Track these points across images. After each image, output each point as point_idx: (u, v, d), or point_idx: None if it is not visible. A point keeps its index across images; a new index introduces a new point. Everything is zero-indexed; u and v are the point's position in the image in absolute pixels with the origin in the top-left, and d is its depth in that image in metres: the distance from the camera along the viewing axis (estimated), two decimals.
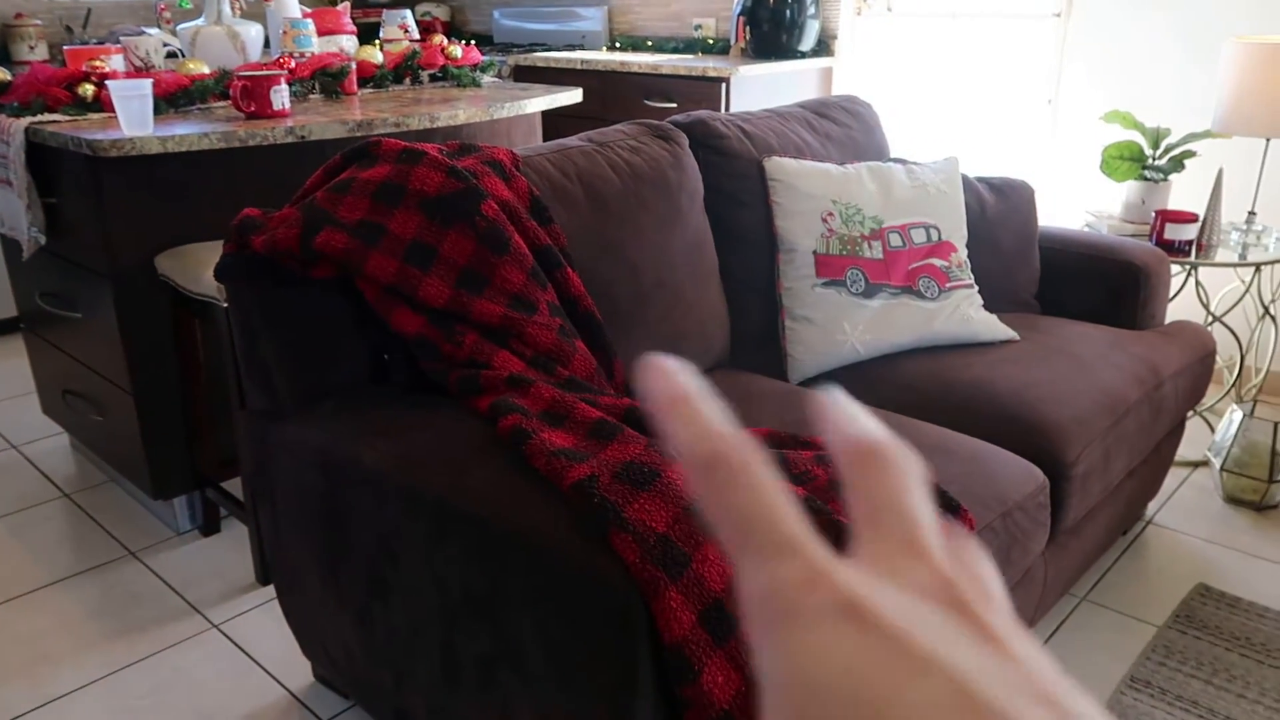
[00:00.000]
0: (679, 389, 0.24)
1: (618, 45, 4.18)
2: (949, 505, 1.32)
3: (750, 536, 0.21)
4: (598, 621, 1.06)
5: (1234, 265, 2.35)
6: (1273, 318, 2.55)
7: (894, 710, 0.18)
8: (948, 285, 1.93)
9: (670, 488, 1.10)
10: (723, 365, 1.95)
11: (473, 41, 3.16)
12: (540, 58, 3.79)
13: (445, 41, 2.82)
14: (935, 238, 1.95)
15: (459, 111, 2.28)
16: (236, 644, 1.86)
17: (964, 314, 1.92)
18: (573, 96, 2.67)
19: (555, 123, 3.66)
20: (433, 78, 2.79)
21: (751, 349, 2.00)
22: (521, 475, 1.20)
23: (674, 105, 3.41)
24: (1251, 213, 2.49)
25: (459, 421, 1.35)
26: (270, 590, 2.02)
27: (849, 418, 0.24)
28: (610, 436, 1.22)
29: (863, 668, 0.19)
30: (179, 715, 1.68)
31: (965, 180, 2.16)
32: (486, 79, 2.85)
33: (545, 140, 2.58)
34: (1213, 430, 2.59)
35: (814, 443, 1.41)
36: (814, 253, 1.88)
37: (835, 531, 1.19)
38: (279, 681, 1.76)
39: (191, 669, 1.79)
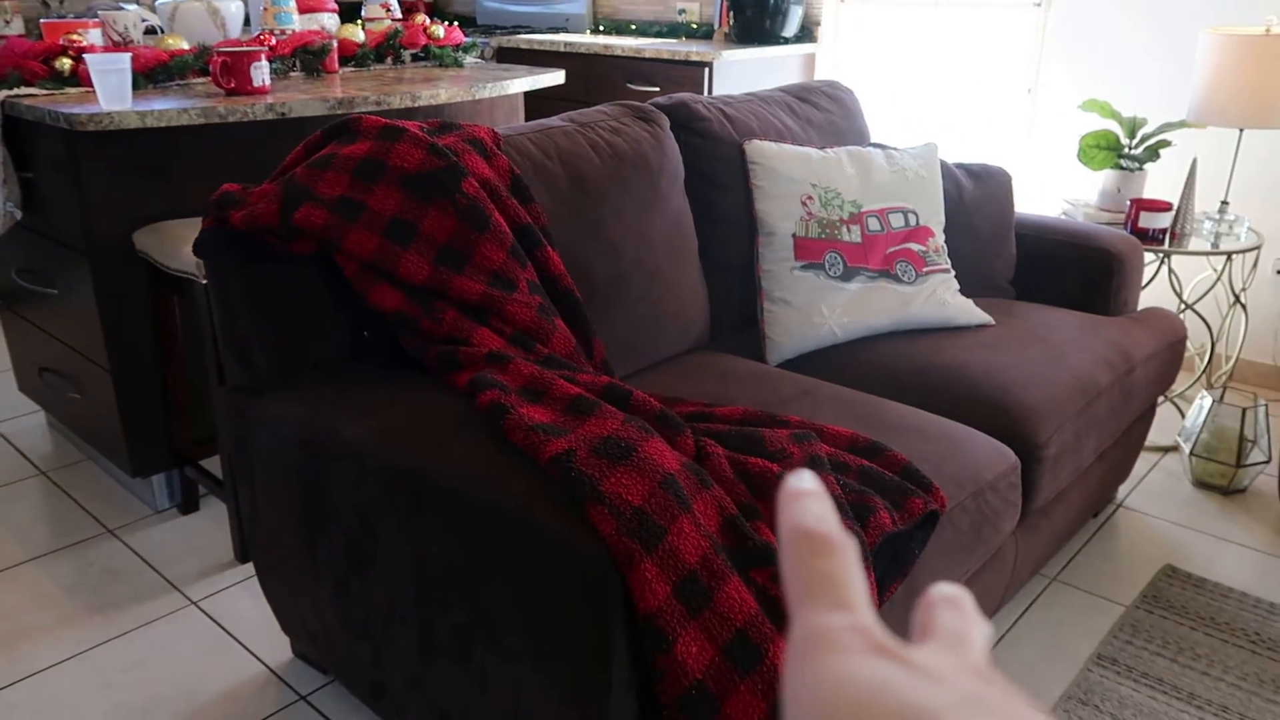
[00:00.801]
0: (810, 490, 0.28)
1: (601, 28, 4.17)
2: (922, 484, 1.35)
3: (819, 592, 0.26)
4: (574, 593, 1.08)
5: (1206, 254, 2.39)
6: (1243, 306, 2.60)
7: (916, 709, 0.22)
8: (925, 270, 1.95)
9: (646, 462, 1.12)
10: (702, 346, 1.96)
11: (455, 22, 3.14)
12: (523, 40, 3.78)
13: (428, 21, 2.81)
14: (913, 222, 1.97)
15: (441, 91, 2.27)
16: (215, 620, 1.86)
17: (940, 298, 1.94)
18: (555, 78, 2.67)
19: (538, 105, 3.65)
20: (415, 57, 2.78)
21: (730, 330, 2.02)
22: (500, 450, 1.21)
23: (657, 89, 3.41)
24: (1224, 202, 2.53)
25: (438, 397, 1.36)
26: (249, 568, 2.03)
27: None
28: (588, 412, 1.23)
29: (893, 679, 0.23)
30: (157, 691, 1.69)
31: (944, 166, 2.18)
32: (469, 60, 2.84)
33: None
34: (1183, 416, 2.63)
35: (790, 421, 1.43)
36: (793, 236, 1.90)
37: None
38: (257, 657, 1.77)
39: (170, 645, 1.80)
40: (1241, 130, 2.41)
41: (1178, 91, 2.90)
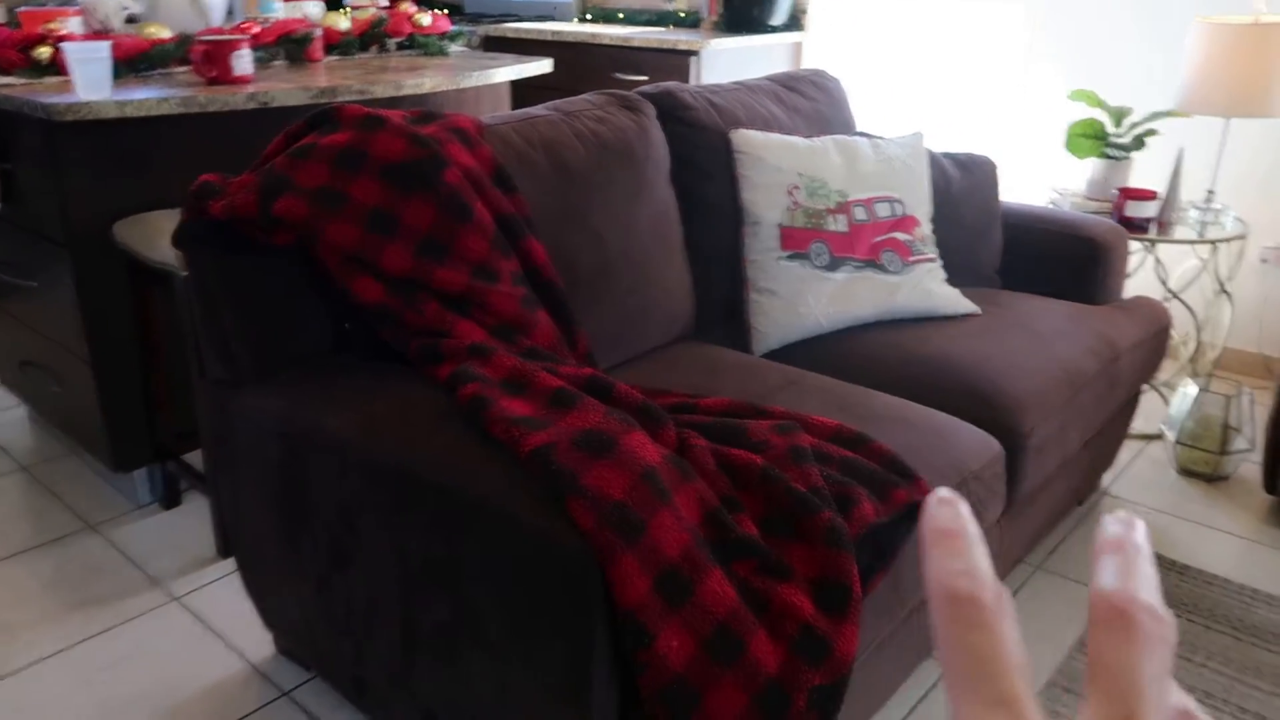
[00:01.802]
0: (955, 523, 0.25)
1: (589, 17, 4.14)
2: (905, 475, 1.34)
3: (977, 682, 0.23)
4: (555, 587, 1.07)
5: (1192, 243, 2.39)
6: (1228, 295, 2.60)
7: None
8: (911, 259, 1.95)
9: (627, 455, 1.11)
10: (687, 337, 1.95)
11: (442, 10, 3.12)
12: (510, 28, 3.75)
13: (413, 9, 2.78)
14: (899, 212, 1.96)
15: (425, 80, 2.25)
16: (197, 616, 1.85)
17: (926, 288, 1.94)
18: (542, 67, 2.65)
19: (525, 95, 3.62)
20: (400, 46, 2.76)
21: (716, 321, 2.01)
22: (481, 443, 1.20)
23: (644, 78, 3.39)
24: (1210, 191, 2.53)
25: (420, 390, 1.35)
26: (231, 564, 2.01)
27: (1120, 566, 0.25)
28: (570, 405, 1.22)
29: None
30: (139, 688, 1.67)
31: (930, 155, 2.18)
32: (455, 48, 2.82)
33: None
34: (1168, 404, 2.63)
35: (774, 412, 1.42)
36: (779, 225, 1.89)
37: (791, 499, 1.20)
38: (240, 654, 1.76)
39: (152, 642, 1.78)
40: (1228, 119, 2.41)
41: (1165, 81, 2.90)
